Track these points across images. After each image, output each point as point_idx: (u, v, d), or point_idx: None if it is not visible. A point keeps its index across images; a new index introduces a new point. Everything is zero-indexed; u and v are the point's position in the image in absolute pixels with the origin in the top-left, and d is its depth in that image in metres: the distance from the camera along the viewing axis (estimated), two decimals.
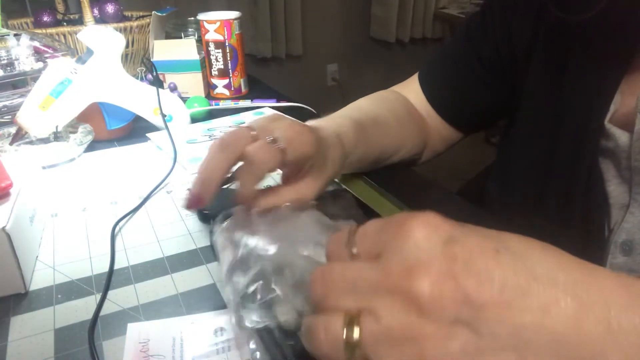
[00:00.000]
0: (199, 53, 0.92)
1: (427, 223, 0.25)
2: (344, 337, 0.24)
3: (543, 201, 0.53)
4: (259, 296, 0.32)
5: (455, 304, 0.23)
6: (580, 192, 0.49)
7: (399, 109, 0.63)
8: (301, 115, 0.82)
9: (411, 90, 0.67)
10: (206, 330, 0.37)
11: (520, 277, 0.23)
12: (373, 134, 0.55)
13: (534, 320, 0.23)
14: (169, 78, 0.92)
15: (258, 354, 0.32)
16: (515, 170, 0.59)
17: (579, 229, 0.50)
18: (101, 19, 0.99)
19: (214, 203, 0.41)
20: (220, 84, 0.94)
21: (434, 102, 0.65)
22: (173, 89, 0.91)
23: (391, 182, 0.57)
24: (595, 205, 0.49)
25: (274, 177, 0.59)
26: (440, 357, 0.23)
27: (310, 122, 0.53)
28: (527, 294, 0.23)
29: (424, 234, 0.25)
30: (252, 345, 0.35)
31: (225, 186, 0.61)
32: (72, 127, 0.71)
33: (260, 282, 0.33)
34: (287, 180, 0.43)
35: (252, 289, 0.33)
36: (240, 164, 0.40)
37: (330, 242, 0.29)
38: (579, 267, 0.24)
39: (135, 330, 0.37)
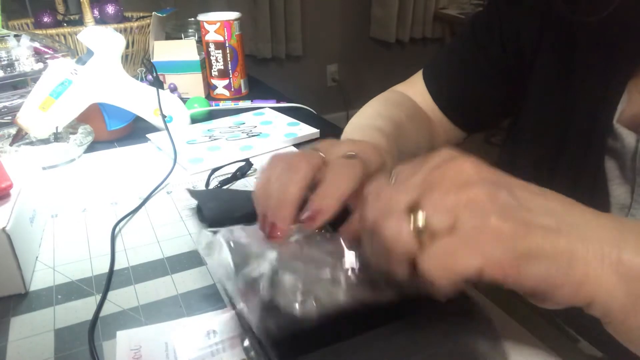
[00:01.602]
0: (199, 54, 0.92)
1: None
2: (412, 226, 0.26)
3: None
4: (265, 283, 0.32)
5: (495, 176, 0.29)
6: (585, 191, 0.49)
7: (411, 111, 0.62)
8: (301, 115, 0.82)
9: (416, 90, 0.66)
10: (198, 333, 0.37)
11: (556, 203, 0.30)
12: (398, 141, 0.54)
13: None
14: (169, 79, 0.92)
15: (253, 353, 0.32)
16: (520, 169, 0.58)
17: None
18: (101, 20, 0.99)
19: (213, 204, 0.41)
20: (220, 84, 0.94)
21: (439, 102, 0.64)
22: (173, 89, 0.91)
23: None
24: (598, 205, 0.48)
25: None
26: (491, 207, 0.27)
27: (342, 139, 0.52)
28: (562, 212, 0.30)
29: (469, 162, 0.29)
30: (246, 344, 0.35)
31: (225, 187, 0.61)
32: (72, 127, 0.71)
33: (267, 271, 0.33)
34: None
35: (258, 274, 0.33)
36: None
37: (369, 187, 0.31)
38: (578, 206, 0.32)
39: (125, 338, 0.37)
